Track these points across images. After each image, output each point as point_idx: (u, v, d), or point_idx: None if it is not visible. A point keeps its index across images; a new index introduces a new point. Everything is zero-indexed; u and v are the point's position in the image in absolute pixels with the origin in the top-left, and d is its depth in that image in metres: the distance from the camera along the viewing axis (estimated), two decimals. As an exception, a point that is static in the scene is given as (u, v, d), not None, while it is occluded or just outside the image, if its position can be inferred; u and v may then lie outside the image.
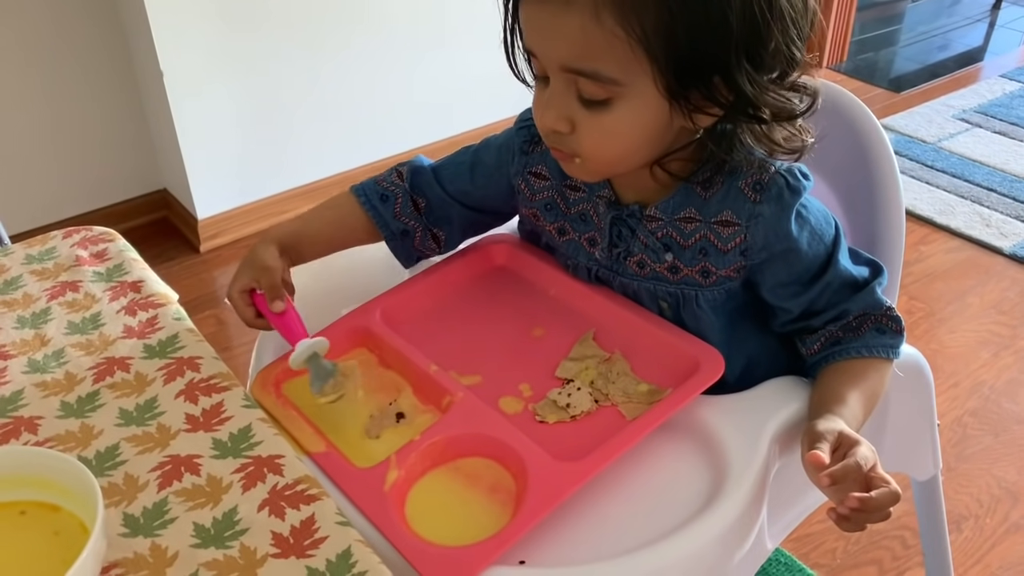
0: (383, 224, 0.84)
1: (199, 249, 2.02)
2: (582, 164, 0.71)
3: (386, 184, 0.85)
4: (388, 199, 0.84)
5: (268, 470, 0.65)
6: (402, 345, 0.76)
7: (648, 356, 0.76)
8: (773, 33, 0.64)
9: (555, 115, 0.68)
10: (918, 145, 2.39)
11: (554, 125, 0.69)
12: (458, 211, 0.86)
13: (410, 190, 0.85)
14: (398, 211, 0.84)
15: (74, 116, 1.95)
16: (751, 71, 0.64)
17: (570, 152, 0.71)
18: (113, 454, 0.67)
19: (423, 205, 0.85)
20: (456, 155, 0.88)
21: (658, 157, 0.72)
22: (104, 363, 0.76)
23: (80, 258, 0.89)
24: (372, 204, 0.84)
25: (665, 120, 0.67)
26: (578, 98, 0.67)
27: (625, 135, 0.68)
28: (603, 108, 0.66)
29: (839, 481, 0.61)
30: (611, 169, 0.73)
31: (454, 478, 0.66)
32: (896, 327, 0.76)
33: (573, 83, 0.67)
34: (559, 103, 0.68)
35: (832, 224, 0.75)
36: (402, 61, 2.15)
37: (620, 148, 0.69)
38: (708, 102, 0.66)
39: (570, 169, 0.74)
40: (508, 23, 0.71)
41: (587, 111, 0.67)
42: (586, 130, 0.68)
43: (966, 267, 1.95)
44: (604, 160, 0.71)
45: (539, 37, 0.67)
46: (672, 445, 0.70)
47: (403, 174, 0.85)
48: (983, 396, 1.60)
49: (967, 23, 3.23)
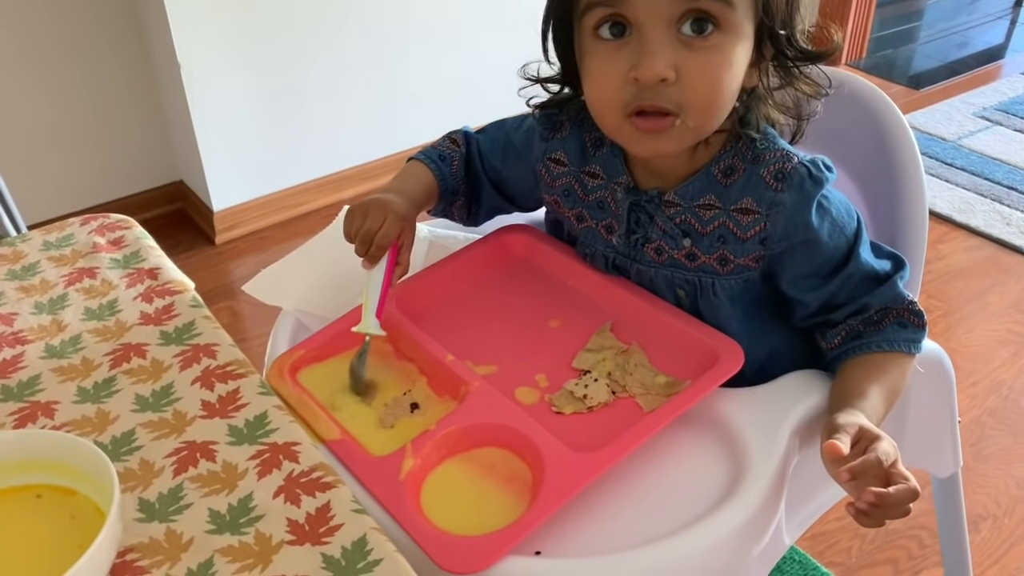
0: (442, 179, 0.85)
1: (214, 241, 2.03)
2: (682, 124, 0.68)
3: (442, 148, 0.88)
4: (446, 159, 0.87)
5: (284, 457, 0.64)
6: (418, 335, 0.76)
7: (666, 348, 0.75)
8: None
9: (664, 61, 0.65)
10: (938, 143, 2.37)
11: (665, 71, 0.65)
12: (487, 189, 0.88)
13: (466, 156, 0.87)
14: (455, 171, 0.86)
15: (91, 108, 1.96)
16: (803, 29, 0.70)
17: (675, 106, 0.67)
18: (129, 439, 0.67)
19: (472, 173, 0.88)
20: (494, 128, 0.89)
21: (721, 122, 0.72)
22: (121, 349, 0.76)
23: (97, 245, 0.89)
24: (434, 162, 0.86)
25: (746, 69, 0.69)
26: (678, 41, 0.66)
27: (729, 71, 0.67)
28: (706, 42, 0.66)
29: (858, 476, 0.61)
30: (709, 122, 0.69)
31: (470, 467, 0.66)
32: (918, 321, 0.74)
33: (672, 25, 0.65)
34: (663, 50, 0.65)
35: (854, 217, 0.74)
36: (420, 54, 2.15)
37: (724, 87, 0.68)
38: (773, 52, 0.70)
39: (666, 140, 0.69)
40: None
41: (690, 52, 0.66)
42: (692, 69, 0.66)
43: (985, 266, 1.93)
44: (709, 105, 0.68)
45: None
46: (690, 437, 0.69)
47: (458, 141, 0.88)
48: (1002, 396, 1.58)
49: (988, 20, 3.19)
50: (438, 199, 0.86)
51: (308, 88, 2.02)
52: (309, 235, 0.88)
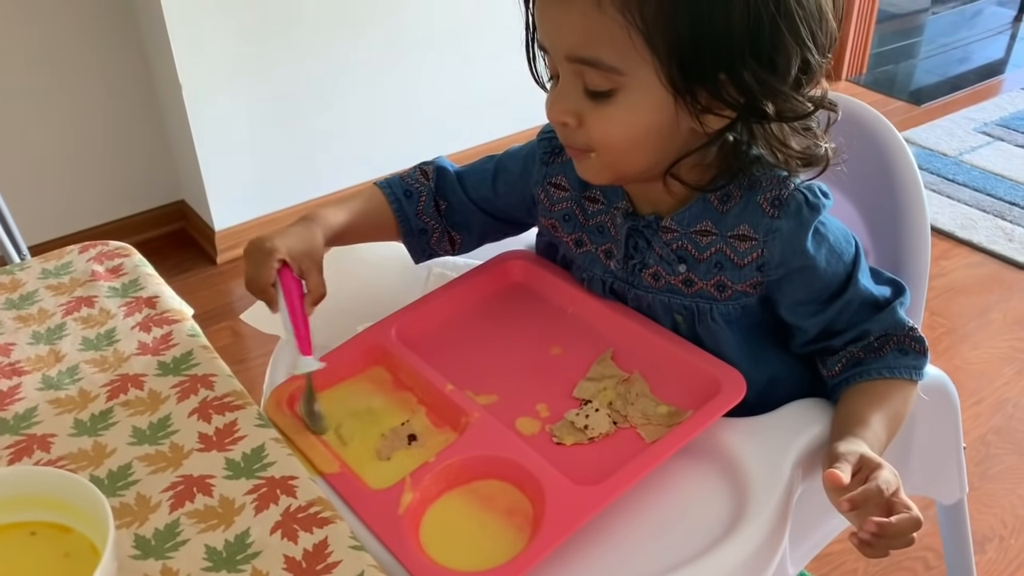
0: (403, 219, 0.84)
1: (216, 260, 2.03)
2: (597, 159, 0.71)
3: (411, 181, 0.86)
4: (412, 196, 0.85)
5: (281, 491, 0.64)
6: (418, 364, 0.75)
7: (668, 376, 0.75)
8: (782, 33, 0.63)
9: (562, 108, 0.68)
10: (939, 159, 2.37)
11: (561, 117, 0.69)
12: (478, 217, 0.87)
13: (435, 191, 0.86)
14: (420, 209, 0.85)
15: (93, 128, 1.96)
16: (758, 70, 0.63)
17: (583, 146, 0.70)
18: (126, 473, 0.66)
19: (444, 207, 0.86)
20: (480, 162, 0.88)
21: (670, 161, 0.71)
22: (118, 380, 0.75)
23: (96, 273, 0.89)
24: (397, 198, 0.85)
25: (670, 117, 0.67)
26: (584, 91, 0.67)
27: (631, 127, 0.67)
28: (608, 100, 0.66)
29: (859, 505, 0.60)
30: (622, 164, 0.71)
31: (470, 501, 0.65)
32: (919, 348, 0.74)
33: (579, 75, 0.67)
34: (566, 96, 0.68)
35: (852, 243, 0.74)
36: (422, 74, 2.15)
37: (627, 139, 0.68)
38: (717, 101, 0.65)
39: (583, 169, 0.73)
40: (528, 22, 0.71)
41: (593, 103, 0.67)
42: (593, 121, 0.68)
43: (988, 282, 1.93)
44: (614, 152, 0.69)
45: (548, 28, 0.68)
46: (692, 468, 0.68)
47: (428, 173, 0.87)
48: (1007, 414, 1.57)
49: (988, 35, 3.20)
50: (399, 236, 0.85)
51: (310, 108, 2.03)
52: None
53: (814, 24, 0.64)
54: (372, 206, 0.85)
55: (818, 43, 0.65)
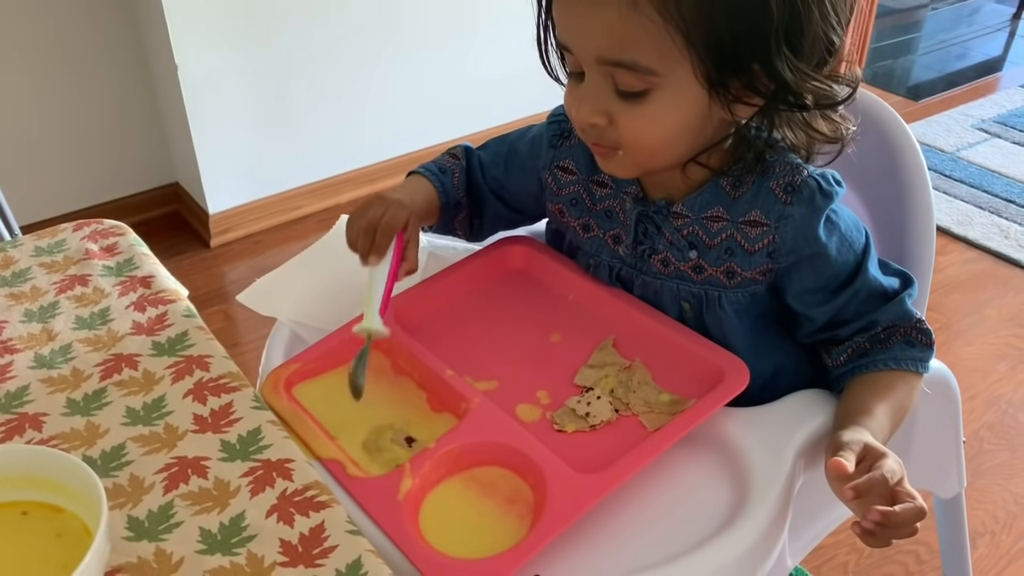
0: (443, 191, 0.84)
1: (209, 244, 2.01)
2: (624, 157, 0.70)
3: (442, 161, 0.87)
4: (446, 172, 0.85)
5: (277, 474, 0.63)
6: (417, 349, 0.74)
7: (670, 364, 0.74)
8: (813, 17, 0.62)
9: (591, 108, 0.67)
10: (936, 154, 2.36)
11: (591, 119, 0.67)
12: (491, 203, 0.87)
13: (466, 169, 0.86)
14: (456, 183, 0.85)
15: (88, 109, 1.94)
16: (791, 57, 0.62)
17: (612, 145, 0.69)
18: (119, 454, 0.65)
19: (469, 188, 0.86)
20: (495, 142, 0.88)
21: (697, 151, 0.70)
22: (112, 360, 0.74)
23: (90, 251, 0.87)
24: (434, 173, 0.85)
25: (704, 111, 0.66)
26: (615, 91, 0.66)
27: (665, 125, 0.66)
28: (641, 100, 0.65)
29: (863, 494, 0.59)
30: (652, 161, 0.71)
31: (470, 487, 0.64)
32: (926, 340, 0.73)
33: (609, 76, 0.65)
34: (596, 97, 0.66)
35: (862, 232, 0.73)
36: (417, 58, 2.13)
37: (661, 137, 0.67)
38: (748, 91, 0.64)
39: (610, 165, 0.72)
40: (541, 18, 0.69)
41: (625, 103, 0.66)
42: (625, 121, 0.66)
43: (984, 279, 1.93)
44: (646, 151, 0.68)
45: (575, 29, 0.66)
46: (694, 457, 0.68)
47: (458, 155, 0.87)
48: (1000, 410, 1.58)
49: (986, 32, 3.20)
50: (440, 212, 0.85)
51: (305, 92, 2.01)
52: (305, 239, 0.87)
53: (839, 4, 0.64)
54: (424, 190, 0.83)
55: (842, 22, 0.64)
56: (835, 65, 0.66)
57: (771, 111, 0.67)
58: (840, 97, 0.67)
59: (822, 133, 0.69)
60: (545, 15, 0.69)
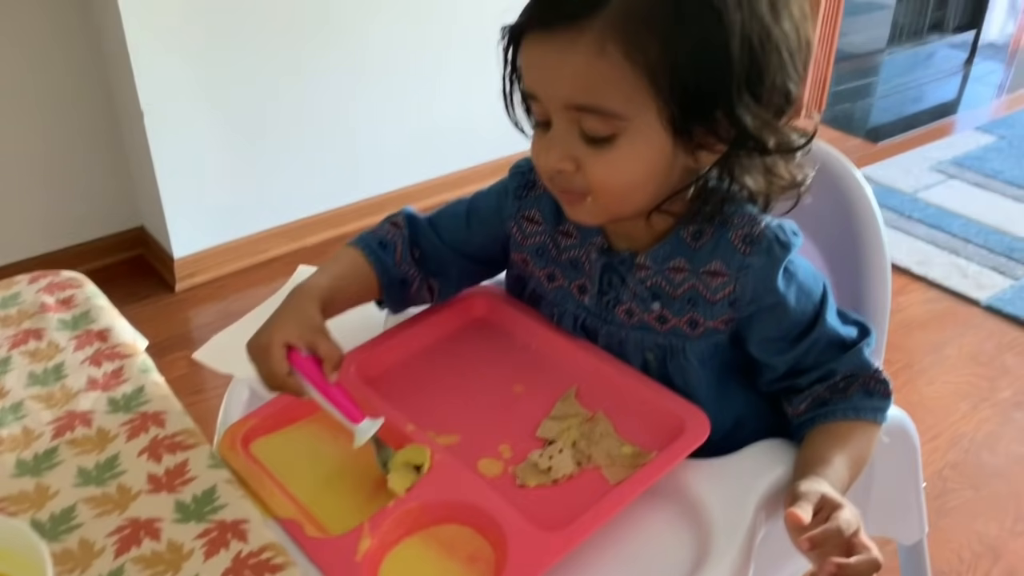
0: (383, 270, 0.81)
1: (174, 288, 1.99)
2: (592, 203, 0.70)
3: (383, 233, 0.83)
4: (387, 246, 0.82)
5: (232, 535, 0.61)
6: (378, 402, 0.74)
7: (632, 416, 0.74)
8: (771, 65, 0.64)
9: (559, 154, 0.67)
10: (896, 195, 2.41)
11: (559, 164, 0.68)
12: (455, 261, 0.85)
13: (408, 238, 0.83)
14: (399, 258, 0.82)
15: (52, 152, 1.92)
16: (752, 104, 0.64)
17: (580, 192, 0.69)
18: (69, 516, 0.63)
19: (418, 255, 0.84)
20: (450, 206, 0.86)
21: (662, 198, 0.71)
22: (65, 417, 0.72)
23: (45, 304, 0.86)
24: (372, 250, 0.82)
25: (669, 157, 0.67)
26: (581, 136, 0.66)
27: (631, 170, 0.67)
28: (608, 145, 0.66)
29: (819, 545, 0.59)
30: (620, 206, 0.71)
31: (430, 546, 0.63)
32: (884, 390, 0.74)
33: (576, 122, 0.66)
34: (563, 143, 0.67)
35: (820, 283, 0.74)
36: (387, 102, 2.14)
37: (627, 181, 0.68)
38: (711, 137, 0.66)
39: (578, 213, 0.72)
40: (507, 69, 0.70)
41: (591, 148, 0.66)
42: (592, 166, 0.67)
43: (944, 318, 1.96)
44: (614, 195, 0.69)
45: (543, 76, 0.67)
46: (656, 510, 0.67)
47: (399, 223, 0.84)
48: (963, 449, 1.59)
49: (942, 76, 3.29)
50: (380, 291, 0.82)
51: (272, 135, 2.01)
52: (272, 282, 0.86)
53: (796, 55, 0.65)
54: (350, 265, 0.81)
55: (798, 72, 0.66)
56: (793, 115, 0.68)
57: (732, 158, 0.68)
58: (798, 143, 0.68)
59: (782, 178, 0.70)
60: (511, 66, 0.70)
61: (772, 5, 0.63)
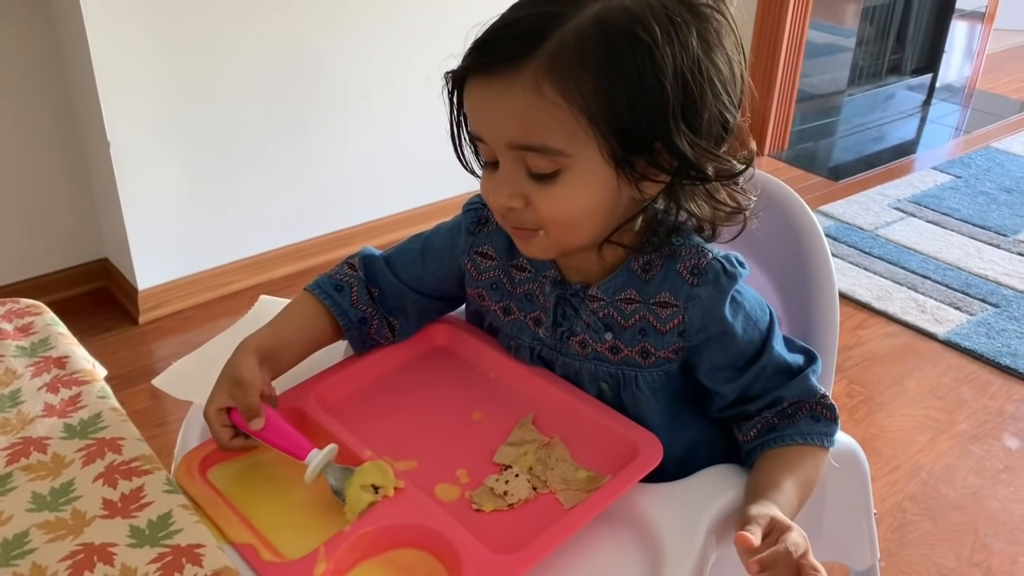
0: (341, 313, 0.82)
1: (138, 320, 1.97)
2: (544, 237, 0.72)
3: (339, 276, 0.85)
4: (343, 289, 0.84)
5: (187, 560, 0.61)
6: (336, 429, 0.74)
7: (587, 441, 0.75)
8: (706, 97, 0.66)
9: (508, 193, 0.69)
10: (856, 232, 2.47)
11: (508, 202, 0.70)
12: (412, 298, 0.86)
13: (364, 279, 0.84)
14: (355, 299, 0.83)
15: (14, 183, 1.91)
16: (689, 134, 0.66)
17: (532, 227, 0.71)
18: (21, 542, 0.63)
19: (377, 294, 0.85)
20: (407, 243, 0.88)
21: (611, 230, 0.73)
22: (20, 443, 0.72)
23: (3, 331, 0.85)
24: (328, 295, 0.83)
25: (614, 189, 0.69)
26: (527, 174, 0.68)
27: (578, 203, 0.69)
28: (553, 181, 0.68)
29: (768, 567, 0.61)
30: (571, 238, 0.73)
31: (386, 570, 0.64)
32: (831, 415, 0.76)
33: (521, 160, 0.68)
34: (510, 181, 0.69)
35: (767, 312, 0.76)
36: (351, 135, 2.16)
37: (575, 214, 0.70)
38: (653, 168, 0.68)
39: (530, 247, 0.74)
40: (453, 115, 0.72)
41: (538, 184, 0.68)
42: (540, 202, 0.69)
43: (903, 352, 2.00)
44: (564, 228, 0.71)
45: (485, 119, 0.69)
46: (609, 534, 0.68)
47: (355, 264, 0.85)
48: (921, 481, 1.62)
49: (901, 117, 3.38)
50: (339, 333, 0.83)
51: (238, 167, 2.01)
52: (237, 314, 0.86)
53: (729, 86, 0.68)
54: (305, 310, 0.83)
55: (734, 102, 0.69)
56: (732, 143, 0.71)
57: (676, 187, 0.70)
58: (738, 169, 0.71)
59: (726, 204, 0.73)
60: (457, 111, 0.72)
61: (704, 39, 0.66)
